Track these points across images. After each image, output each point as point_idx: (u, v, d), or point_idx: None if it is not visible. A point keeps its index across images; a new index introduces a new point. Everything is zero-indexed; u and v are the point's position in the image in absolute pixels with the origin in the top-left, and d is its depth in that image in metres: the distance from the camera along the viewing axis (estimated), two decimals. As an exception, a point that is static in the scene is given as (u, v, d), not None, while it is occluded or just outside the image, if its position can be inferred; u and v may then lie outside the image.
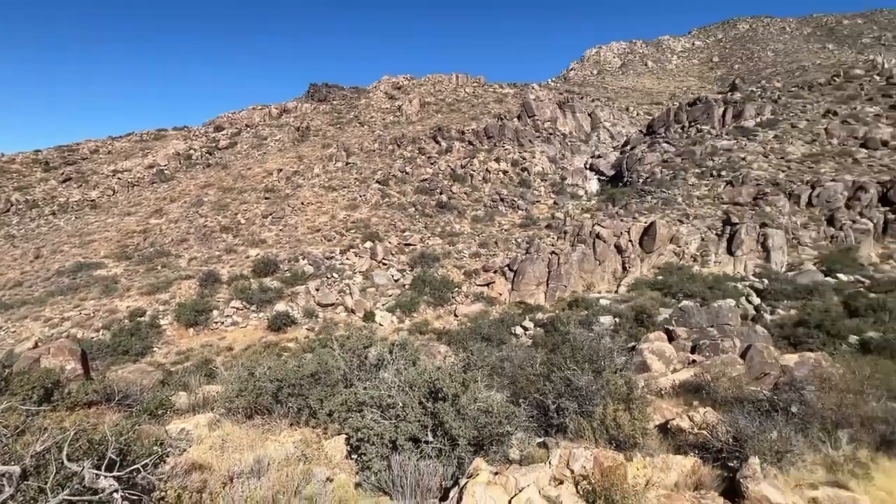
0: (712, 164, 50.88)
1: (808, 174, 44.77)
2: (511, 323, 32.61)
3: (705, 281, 32.96)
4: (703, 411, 7.02)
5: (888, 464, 6.24)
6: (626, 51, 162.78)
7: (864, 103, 56.45)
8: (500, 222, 53.68)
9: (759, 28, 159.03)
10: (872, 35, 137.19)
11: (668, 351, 12.65)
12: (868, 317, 23.53)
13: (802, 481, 5.22)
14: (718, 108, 61.50)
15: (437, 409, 5.02)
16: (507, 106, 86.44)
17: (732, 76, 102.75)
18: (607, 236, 38.76)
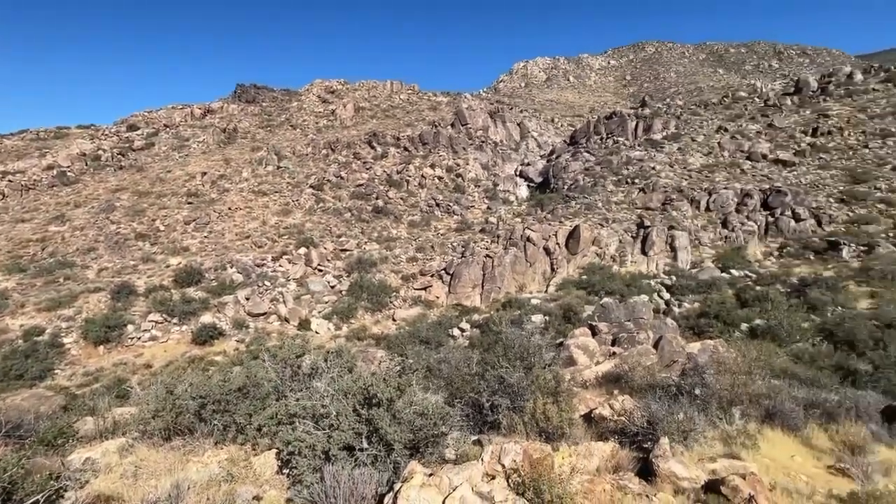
0: (627, 172, 55.38)
1: (706, 182, 50.30)
2: (449, 325, 33.04)
3: (623, 279, 35.72)
4: (622, 399, 7.64)
5: (771, 434, 7.21)
6: (550, 66, 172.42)
7: (748, 121, 64.68)
8: (436, 227, 54.21)
9: (663, 52, 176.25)
10: (752, 63, 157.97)
11: (592, 345, 13.58)
12: (755, 307, 26.91)
13: (704, 455, 5.88)
14: (631, 122, 67.14)
15: (372, 416, 4.99)
16: (441, 114, 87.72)
17: (642, 94, 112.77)
18: (537, 239, 40.63)
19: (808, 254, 37.60)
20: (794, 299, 28.26)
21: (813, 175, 50.35)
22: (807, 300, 27.54)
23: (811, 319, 25.58)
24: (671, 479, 4.73)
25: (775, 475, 5.54)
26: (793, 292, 29.51)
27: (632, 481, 4.44)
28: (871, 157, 51.43)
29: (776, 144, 57.12)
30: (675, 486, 4.69)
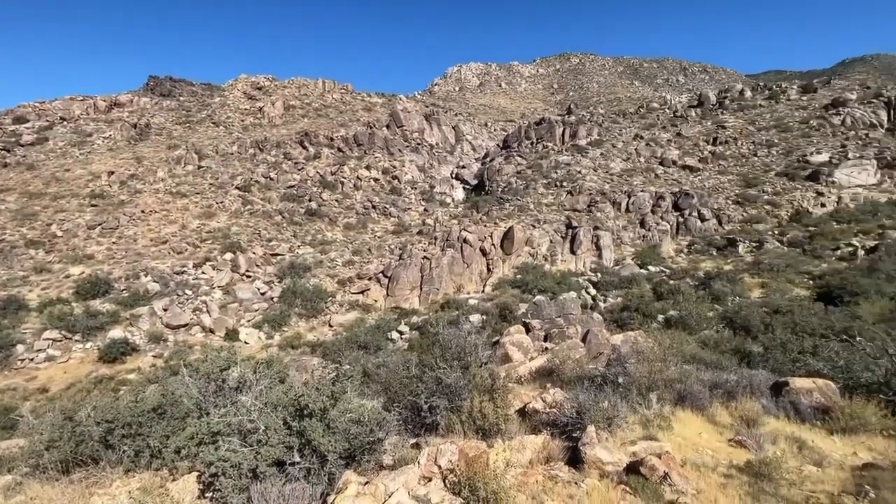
0: (556, 175, 58.31)
1: (626, 185, 54.35)
2: (387, 329, 32.66)
3: (555, 277, 37.52)
4: (553, 392, 8.00)
5: (683, 414, 7.93)
6: (483, 71, 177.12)
7: (660, 130, 70.90)
8: (372, 229, 53.39)
9: (586, 63, 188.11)
10: (663, 77, 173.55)
11: (526, 342, 14.09)
12: (669, 299, 29.50)
13: (626, 439, 6.33)
14: (559, 128, 70.84)
15: (304, 427, 4.77)
16: (375, 115, 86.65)
17: (568, 102, 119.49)
18: (473, 241, 41.46)
19: (711, 250, 41.95)
20: (701, 291, 31.36)
21: (714, 180, 56.29)
22: (711, 291, 30.68)
23: (715, 309, 28.52)
24: (597, 464, 5.05)
25: (686, 452, 6.11)
26: (700, 285, 32.74)
27: (562, 470, 4.67)
28: (760, 164, 58.57)
29: (684, 151, 63.15)
30: (601, 470, 5.01)
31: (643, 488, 4.52)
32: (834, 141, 58.99)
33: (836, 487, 5.40)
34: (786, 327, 21.39)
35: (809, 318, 22.25)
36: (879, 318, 21.04)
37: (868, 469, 5.93)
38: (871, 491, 5.20)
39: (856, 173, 50.98)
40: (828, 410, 8.00)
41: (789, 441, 6.74)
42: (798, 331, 20.19)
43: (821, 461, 6.17)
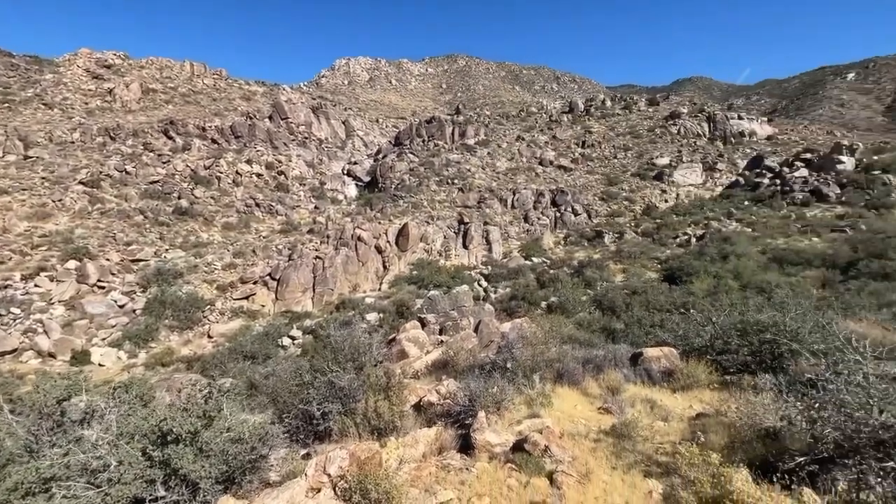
0: (447, 173, 60.08)
1: (510, 183, 58.24)
2: (278, 335, 30.58)
3: (449, 272, 38.72)
4: (447, 383, 8.24)
5: (561, 390, 8.77)
6: (372, 67, 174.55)
7: (539, 133, 77.30)
8: (257, 229, 49.29)
9: (472, 66, 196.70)
10: (540, 84, 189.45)
11: (422, 336, 14.31)
12: (550, 287, 32.43)
13: (513, 420, 6.79)
14: (449, 127, 73.02)
15: (170, 455, 4.19)
16: (256, 105, 79.97)
17: (457, 102, 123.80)
18: (368, 238, 40.77)
19: (583, 241, 47.09)
20: (576, 278, 35.05)
21: (584, 179, 63.18)
22: (584, 278, 34.47)
23: (588, 293, 32.12)
24: (486, 447, 5.32)
25: (564, 424, 6.76)
26: (575, 273, 36.55)
27: (454, 458, 4.83)
28: (619, 165, 67.31)
29: (559, 153, 69.75)
30: (490, 452, 5.30)
31: (527, 463, 4.89)
32: (672, 147, 70.32)
33: (677, 437, 6.44)
34: (642, 305, 24.98)
35: (658, 296, 26.27)
36: (707, 292, 25.73)
37: (700, 418, 7.19)
38: (702, 436, 6.30)
39: (688, 174, 61.46)
40: (672, 373, 9.51)
41: (644, 403, 7.86)
42: (650, 308, 23.73)
43: (667, 416, 7.31)
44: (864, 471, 4.17)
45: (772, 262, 30.19)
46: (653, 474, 5.06)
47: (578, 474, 4.74)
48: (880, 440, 4.19)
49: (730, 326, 10.12)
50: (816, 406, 4.63)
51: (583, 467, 4.94)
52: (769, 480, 4.21)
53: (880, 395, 4.37)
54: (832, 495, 4.11)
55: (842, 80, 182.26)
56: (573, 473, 4.68)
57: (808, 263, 28.38)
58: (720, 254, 32.19)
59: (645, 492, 4.58)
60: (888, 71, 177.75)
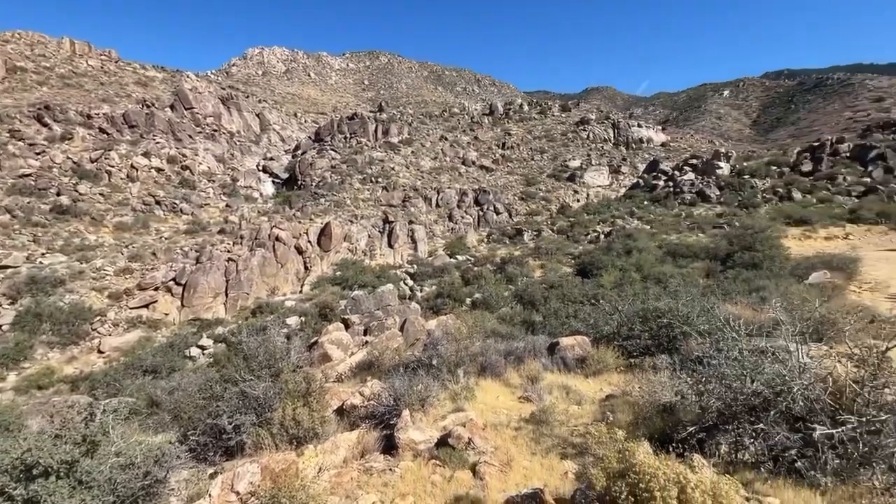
0: (371, 171, 59.06)
1: (435, 182, 58.77)
2: (185, 345, 27.92)
3: (374, 272, 38.08)
4: (371, 384, 8.04)
5: (485, 383, 8.99)
6: (289, 58, 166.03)
7: (461, 133, 78.92)
8: (158, 229, 44.43)
9: (395, 64, 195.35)
10: (461, 85, 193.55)
11: (346, 338, 13.86)
12: (474, 284, 33.26)
13: (438, 416, 6.80)
14: (371, 124, 71.78)
15: (37, 492, 3.55)
16: (154, 92, 72.15)
17: (380, 99, 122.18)
18: (287, 238, 38.69)
19: (505, 239, 48.95)
20: (499, 274, 36.31)
21: (505, 179, 65.70)
22: (506, 274, 35.82)
23: (509, 288, 33.43)
24: (410, 446, 5.26)
25: (487, 415, 6.93)
26: (497, 269, 37.85)
27: (377, 460, 4.70)
28: (536, 167, 70.97)
29: (481, 153, 71.78)
30: (415, 451, 5.24)
31: (451, 458, 4.91)
32: (583, 150, 75.72)
33: (590, 418, 6.89)
34: (558, 298, 26.55)
35: (573, 289, 28.10)
36: (614, 284, 28.05)
37: (609, 399, 7.77)
38: (611, 415, 6.80)
39: (596, 176, 66.60)
40: (584, 359, 10.19)
41: (560, 389, 8.32)
42: (566, 300, 25.31)
43: (580, 400, 7.81)
44: (741, 433, 4.76)
45: (667, 255, 33.75)
46: (568, 455, 5.35)
47: (500, 463, 4.86)
48: (752, 406, 4.81)
49: (633, 314, 11.09)
50: (703, 380, 5.21)
51: (504, 456, 5.08)
52: (666, 451, 4.64)
53: (752, 367, 5.03)
54: (716, 458, 4.65)
55: (719, 96, 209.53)
56: (495, 463, 4.79)
57: (696, 256, 32.16)
58: (625, 249, 35.27)
59: (561, 473, 4.83)
60: (753, 90, 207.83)
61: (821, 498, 3.87)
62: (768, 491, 3.99)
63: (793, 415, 4.62)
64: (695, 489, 2.80)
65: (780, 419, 4.62)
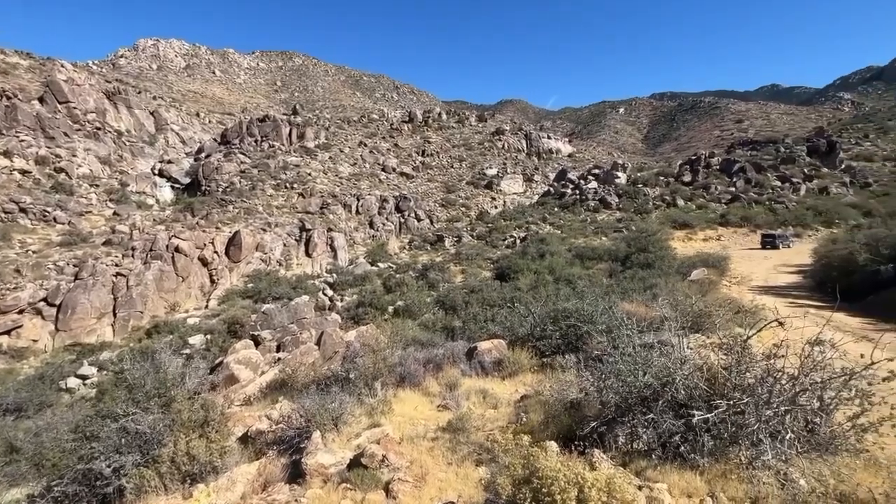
0: (286, 177, 56.14)
1: (354, 189, 57.51)
2: (59, 375, 24.18)
3: (290, 282, 36.10)
4: (281, 406, 7.50)
5: (403, 394, 8.82)
6: (190, 53, 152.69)
7: (381, 140, 78.31)
8: (23, 241, 37.90)
9: (310, 66, 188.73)
10: (380, 92, 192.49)
11: (255, 356, 12.87)
12: (397, 291, 32.95)
13: (352, 434, 6.51)
14: (285, 127, 68.39)
15: None
16: (18, 82, 61.83)
17: (294, 102, 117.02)
18: (189, 249, 35.26)
19: (426, 245, 49.26)
20: (421, 281, 36.37)
21: (425, 186, 66.28)
22: (428, 280, 35.99)
23: (431, 295, 33.62)
24: (319, 471, 4.95)
25: (405, 428, 6.78)
26: (419, 276, 37.91)
27: (281, 492, 4.34)
28: (455, 174, 72.61)
29: (401, 160, 71.75)
30: (324, 476, 4.94)
31: (363, 479, 4.71)
32: (499, 159, 79.06)
33: (505, 421, 7.06)
34: (479, 302, 27.24)
35: (492, 293, 29.01)
36: (530, 287, 29.47)
37: (523, 400, 8.03)
38: (524, 416, 7.03)
39: (512, 184, 69.88)
40: (501, 362, 10.46)
41: (477, 394, 8.44)
42: (486, 304, 26.03)
43: (496, 404, 7.98)
44: (635, 424, 5.16)
45: (576, 257, 36.31)
46: (483, 461, 5.40)
47: (415, 478, 4.76)
48: (644, 397, 5.24)
49: (545, 315, 11.66)
50: (602, 377, 5.57)
51: (420, 470, 4.98)
52: (571, 447, 4.87)
53: (643, 361, 5.49)
54: (614, 450, 4.98)
55: (616, 112, 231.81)
56: (409, 479, 4.67)
57: (600, 258, 35.00)
58: (538, 252, 37.29)
59: (476, 480, 4.85)
60: (643, 109, 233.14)
61: (699, 478, 4.31)
62: (658, 477, 4.35)
63: (677, 402, 5.10)
64: (591, 488, 2.96)
65: (667, 408, 5.08)
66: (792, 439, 4.52)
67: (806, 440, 4.69)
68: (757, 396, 4.69)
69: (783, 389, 4.80)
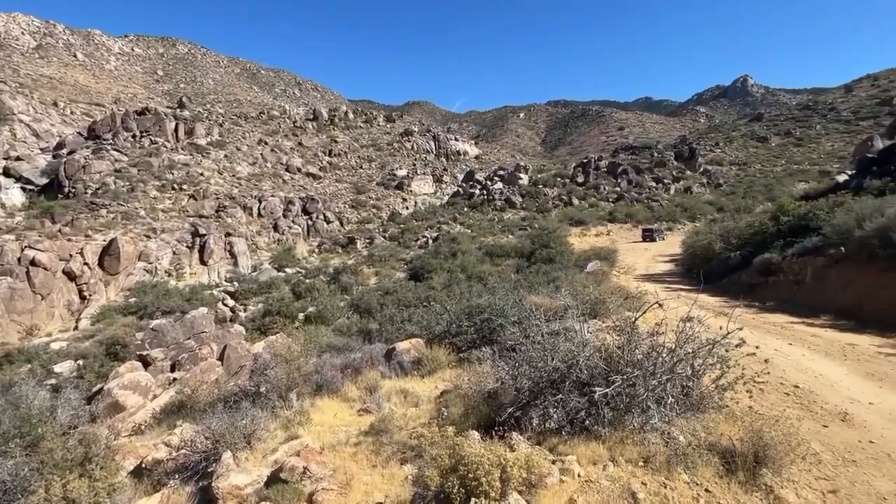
0: (173, 177, 50.51)
1: (255, 190, 53.70)
2: None
3: (182, 294, 32.61)
4: (182, 429, 6.79)
5: (321, 402, 8.52)
6: (43, 31, 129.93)
7: (284, 138, 74.11)
8: None
9: (198, 55, 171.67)
10: (281, 87, 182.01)
11: (145, 379, 11.42)
12: (307, 297, 31.48)
13: (268, 450, 6.14)
14: (170, 122, 61.44)
15: None
16: None
17: (180, 94, 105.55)
18: (50, 262, 30.06)
19: (337, 248, 47.76)
20: (333, 285, 35.16)
21: (334, 187, 64.19)
22: (340, 284, 34.93)
23: (345, 298, 32.68)
24: (234, 493, 4.60)
25: (325, 437, 6.56)
26: (331, 280, 36.62)
27: (189, 522, 3.95)
28: (365, 175, 71.40)
29: (306, 160, 68.60)
30: (240, 497, 4.60)
31: (284, 494, 4.48)
32: (409, 160, 79.44)
33: (427, 417, 7.18)
34: (394, 304, 27.14)
35: (407, 293, 29.09)
36: (444, 285, 30.11)
37: (443, 395, 8.23)
38: (445, 410, 7.22)
39: (422, 185, 70.68)
40: (420, 361, 10.60)
41: (398, 394, 8.46)
42: (401, 305, 26.03)
43: (417, 402, 8.08)
44: (547, 406, 5.60)
45: (486, 255, 37.90)
46: (408, 459, 5.46)
47: (340, 485, 4.65)
48: (553, 380, 5.72)
49: (460, 312, 12.06)
50: (516, 365, 5.96)
51: (344, 476, 4.88)
52: (491, 435, 5.15)
53: (551, 347, 5.97)
54: (530, 431, 5.37)
55: (517, 117, 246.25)
56: (334, 486, 4.56)
57: (508, 255, 36.98)
58: (451, 252, 38.25)
59: (402, 479, 4.89)
60: (541, 115, 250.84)
61: (602, 446, 4.84)
62: (568, 450, 4.79)
63: (581, 382, 5.65)
64: (513, 466, 3.19)
65: (573, 388, 5.60)
66: (672, 403, 5.28)
67: (682, 403, 5.51)
68: (644, 369, 5.38)
69: (664, 361, 5.57)
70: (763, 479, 4.50)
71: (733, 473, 4.52)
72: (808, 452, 5.35)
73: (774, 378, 8.27)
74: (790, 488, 4.54)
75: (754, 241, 22.28)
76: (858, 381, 8.24)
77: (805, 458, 5.20)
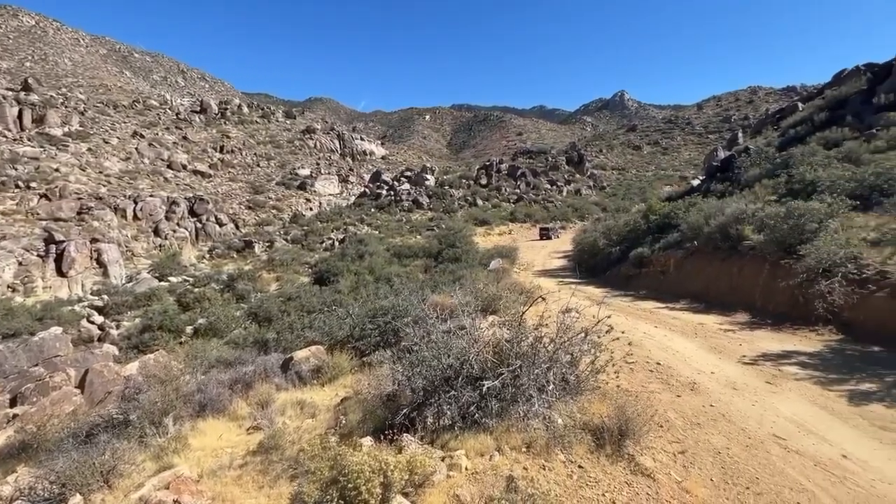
0: (17, 173, 42.34)
1: (129, 189, 47.22)
2: None
3: (32, 313, 27.40)
4: (18, 475, 5.67)
5: (204, 424, 7.73)
6: None
7: (164, 131, 66.22)
8: None
9: (49, 30, 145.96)
10: (160, 74, 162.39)
11: (-28, 420, 9.37)
12: (196, 308, 28.48)
13: (133, 486, 5.39)
14: (12, 107, 51.43)
15: None
16: None
17: (26, 74, 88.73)
18: None
19: (232, 253, 43.95)
20: (227, 293, 32.25)
21: (227, 186, 58.95)
22: (236, 292, 32.16)
23: (241, 307, 30.16)
24: (80, 543, 3.95)
25: (205, 463, 5.96)
26: (225, 287, 33.55)
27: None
28: (263, 174, 66.73)
29: (193, 156, 62.04)
30: (88, 547, 3.96)
31: (146, 534, 3.95)
32: (311, 159, 75.98)
33: (324, 427, 6.89)
34: (297, 310, 25.69)
35: (311, 298, 27.75)
36: (351, 288, 29.29)
37: (343, 402, 7.97)
38: (343, 418, 7.00)
39: (327, 185, 68.12)
40: (320, 369, 10.16)
41: (294, 406, 8.01)
42: (305, 311, 24.75)
43: (315, 412, 7.73)
44: (441, 403, 5.70)
45: (394, 256, 37.68)
46: (298, 475, 5.18)
47: (217, 514, 4.25)
48: (447, 377, 5.84)
49: (364, 315, 11.81)
50: (411, 365, 5.99)
51: (223, 503, 4.47)
52: (387, 438, 5.10)
53: (445, 345, 6.10)
54: (424, 430, 5.42)
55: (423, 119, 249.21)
56: (210, 517, 4.14)
57: (416, 255, 37.19)
58: (358, 253, 37.36)
59: (289, 497, 4.62)
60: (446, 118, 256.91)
61: (490, 437, 5.07)
62: (458, 445, 4.93)
63: (473, 377, 5.85)
64: (394, 470, 3.18)
65: (465, 383, 5.77)
66: (553, 389, 5.72)
67: (562, 388, 5.99)
68: (529, 360, 5.75)
69: (546, 350, 6.01)
70: (626, 449, 5.08)
71: (602, 448, 5.03)
72: (663, 420, 6.17)
73: (642, 358, 9.42)
74: (648, 454, 5.18)
75: (630, 237, 25.20)
76: (704, 355, 9.73)
77: (662, 426, 5.99)
